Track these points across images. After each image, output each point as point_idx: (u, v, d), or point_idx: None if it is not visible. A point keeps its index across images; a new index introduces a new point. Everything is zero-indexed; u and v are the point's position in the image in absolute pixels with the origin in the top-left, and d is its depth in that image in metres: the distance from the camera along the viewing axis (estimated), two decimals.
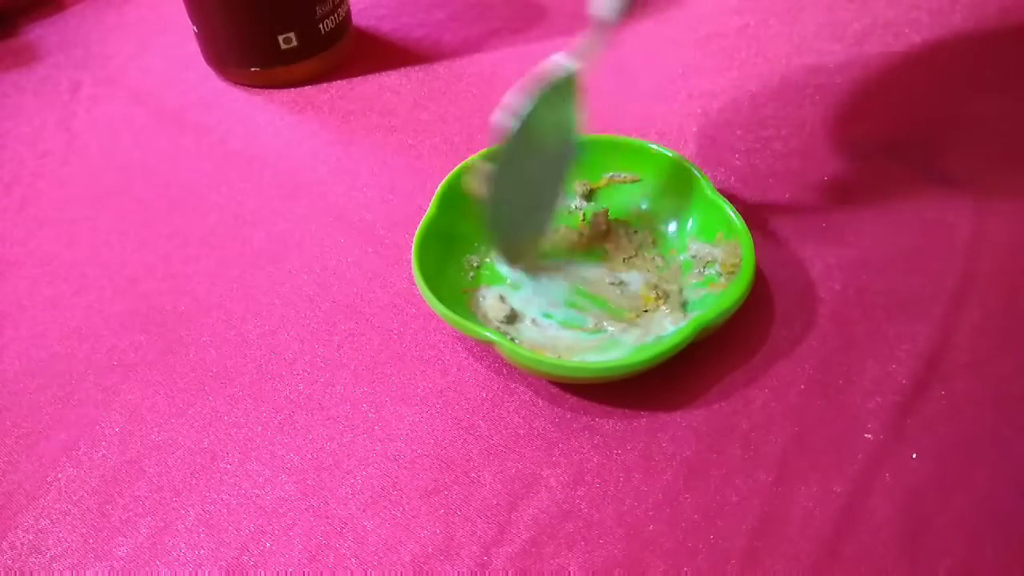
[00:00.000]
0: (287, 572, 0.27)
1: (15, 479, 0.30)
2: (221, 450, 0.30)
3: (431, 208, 0.34)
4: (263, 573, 0.27)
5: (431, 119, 0.44)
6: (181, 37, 0.50)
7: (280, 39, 0.44)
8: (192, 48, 0.48)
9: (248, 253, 0.37)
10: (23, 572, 0.27)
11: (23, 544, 0.28)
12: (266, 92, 0.47)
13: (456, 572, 0.26)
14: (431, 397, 0.31)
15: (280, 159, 0.42)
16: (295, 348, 0.33)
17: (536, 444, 0.29)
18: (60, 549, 0.28)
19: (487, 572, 0.26)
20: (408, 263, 0.32)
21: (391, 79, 0.47)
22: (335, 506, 0.28)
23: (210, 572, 0.27)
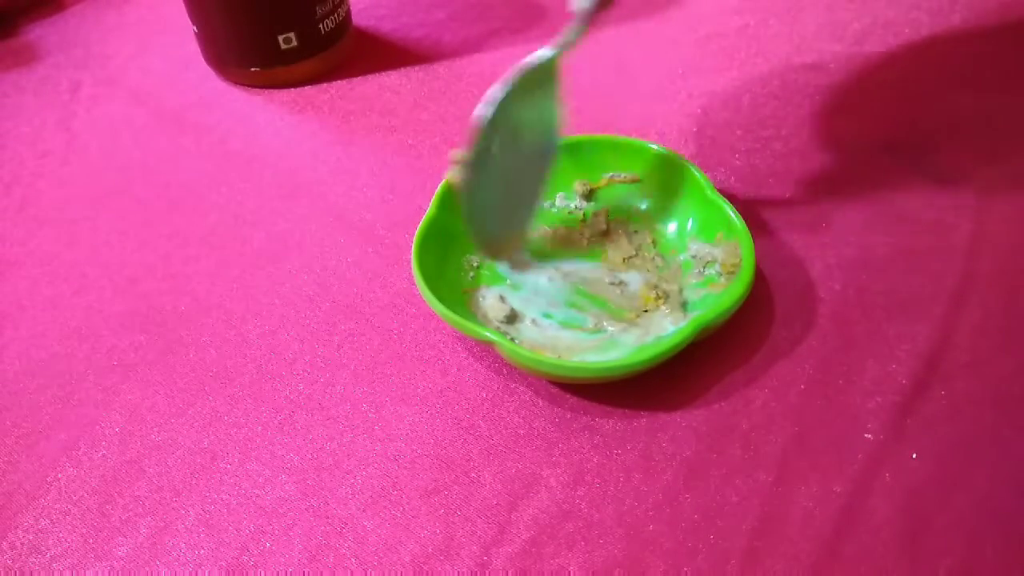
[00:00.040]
0: (287, 572, 0.27)
1: (15, 479, 0.30)
2: (221, 450, 0.30)
3: (431, 208, 0.34)
4: (263, 573, 0.27)
5: (431, 119, 0.44)
6: (181, 37, 0.50)
7: (280, 39, 0.44)
8: (192, 48, 0.48)
9: (248, 253, 0.37)
10: (23, 572, 0.27)
11: (23, 544, 0.28)
12: (266, 92, 0.47)
13: (456, 572, 0.26)
14: (431, 397, 0.31)
15: (280, 159, 0.42)
16: (295, 348, 0.33)
17: (536, 444, 0.29)
18: (60, 549, 0.28)
19: (487, 572, 0.26)
20: (408, 263, 0.32)
21: (391, 79, 0.47)
22: (335, 506, 0.28)
23: (210, 572, 0.27)
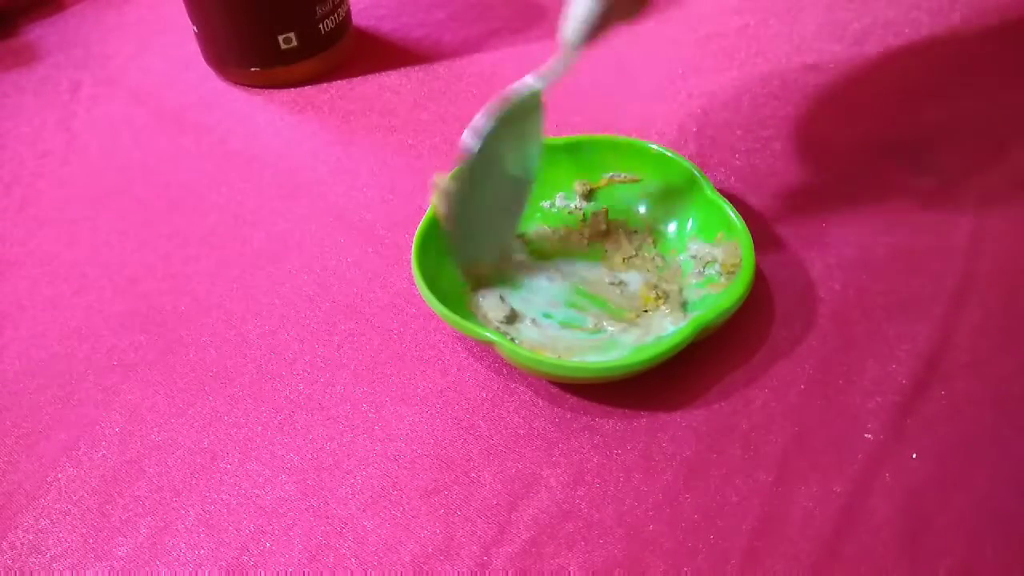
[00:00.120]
0: (287, 572, 0.27)
1: (15, 479, 0.30)
2: (221, 450, 0.30)
3: (431, 208, 0.33)
4: (263, 573, 0.27)
5: (431, 119, 0.44)
6: (181, 37, 0.50)
7: (280, 39, 0.44)
8: (192, 48, 0.48)
9: (248, 253, 0.37)
10: (23, 572, 0.27)
11: (23, 544, 0.28)
12: (266, 92, 0.47)
13: (456, 572, 0.26)
14: (431, 397, 0.31)
15: (280, 159, 0.42)
16: (295, 348, 0.33)
17: (536, 444, 0.29)
18: (60, 549, 0.28)
19: (487, 572, 0.26)
20: (408, 263, 0.32)
21: (391, 79, 0.47)
22: (335, 506, 0.28)
23: (210, 572, 0.27)
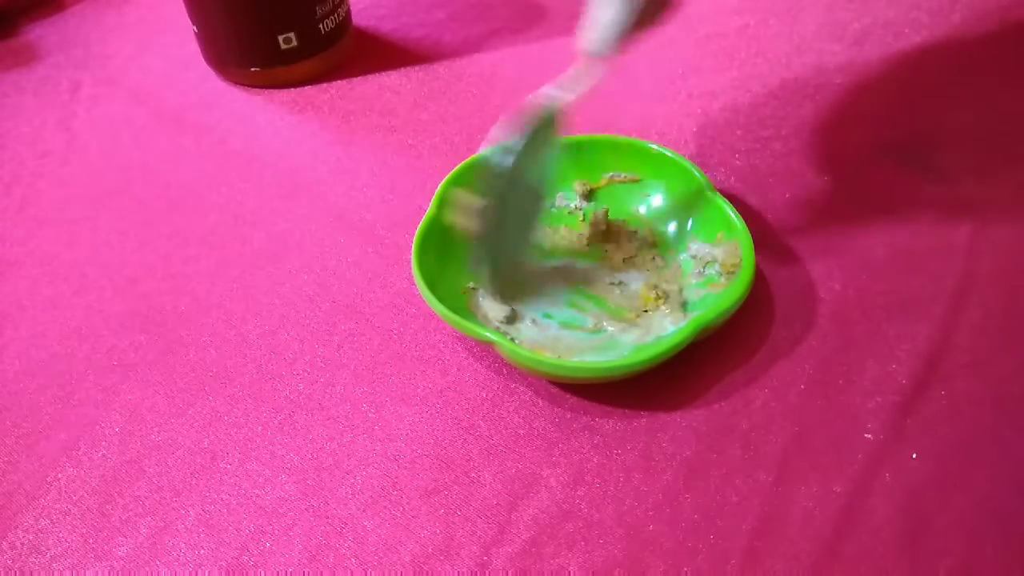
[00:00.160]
0: (287, 572, 0.27)
1: (15, 479, 0.30)
2: (221, 450, 0.30)
3: (431, 208, 0.34)
4: (263, 573, 0.27)
5: (431, 119, 0.44)
6: (181, 37, 0.50)
7: (280, 39, 0.44)
8: (192, 48, 0.48)
9: (248, 253, 0.37)
10: (23, 572, 0.27)
11: (23, 544, 0.28)
12: (266, 92, 0.47)
13: (456, 572, 0.26)
14: (431, 397, 0.31)
15: (280, 159, 0.42)
16: (295, 348, 0.33)
17: (536, 444, 0.29)
18: (60, 549, 0.28)
19: (487, 572, 0.26)
20: (408, 263, 0.32)
21: (391, 79, 0.47)
22: (335, 506, 0.28)
23: (210, 572, 0.27)
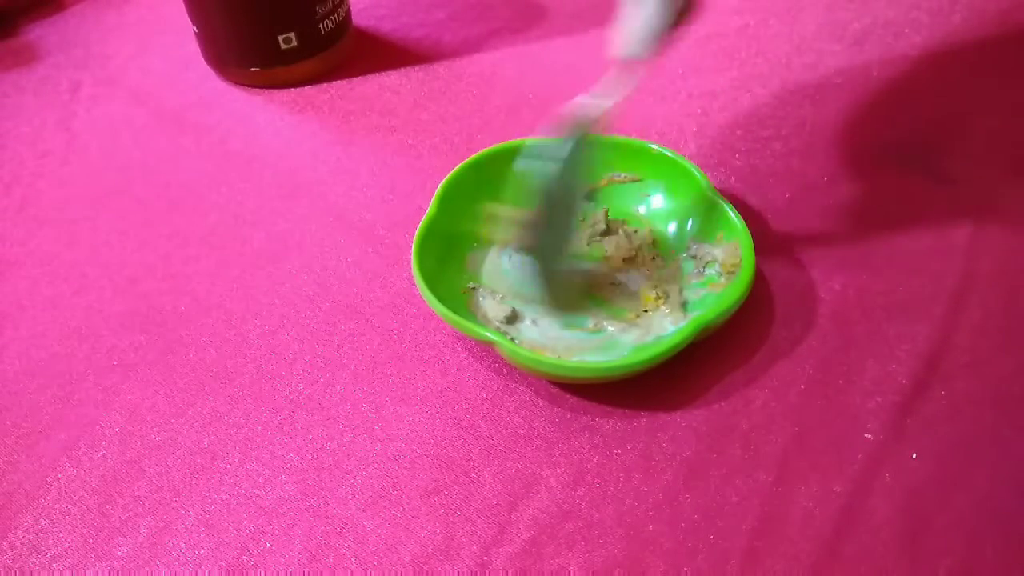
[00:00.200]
0: (287, 572, 0.27)
1: (15, 479, 0.30)
2: (221, 450, 0.30)
3: (431, 208, 0.34)
4: (263, 573, 0.27)
5: (431, 119, 0.44)
6: (181, 37, 0.50)
7: (280, 39, 0.44)
8: (192, 48, 0.48)
9: (248, 253, 0.37)
10: (23, 572, 0.27)
11: (23, 544, 0.28)
12: (266, 92, 0.47)
13: (456, 572, 0.26)
14: (431, 397, 0.31)
15: (280, 159, 0.42)
16: (295, 348, 0.33)
17: (536, 444, 0.29)
18: (60, 549, 0.28)
19: (487, 572, 0.26)
20: (408, 263, 0.32)
21: (391, 79, 0.47)
22: (335, 506, 0.28)
23: (210, 572, 0.27)
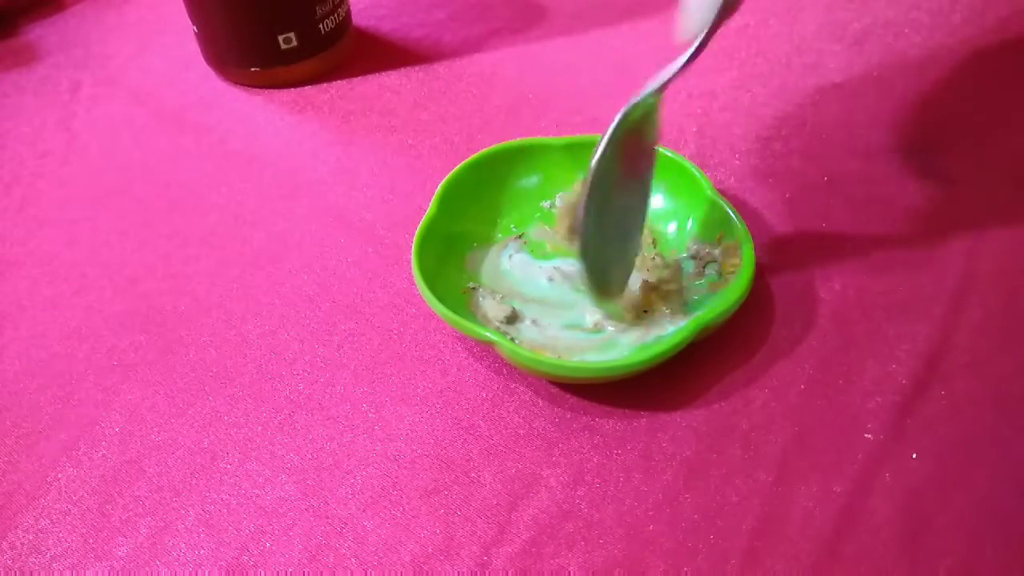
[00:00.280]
0: (287, 572, 0.27)
1: (15, 479, 0.30)
2: (221, 450, 0.30)
3: (431, 208, 0.34)
4: (263, 573, 0.27)
5: (431, 119, 0.44)
6: (181, 37, 0.50)
7: (280, 39, 0.44)
8: (192, 48, 0.48)
9: (248, 253, 0.37)
10: (23, 572, 0.27)
11: (23, 544, 0.28)
12: (266, 92, 0.47)
13: (456, 572, 0.26)
14: (431, 397, 0.31)
15: (280, 159, 0.42)
16: (295, 348, 0.33)
17: (536, 444, 0.29)
18: (60, 549, 0.28)
19: (487, 572, 0.26)
20: (408, 263, 0.32)
21: (391, 79, 0.47)
22: (335, 506, 0.28)
23: (210, 572, 0.27)
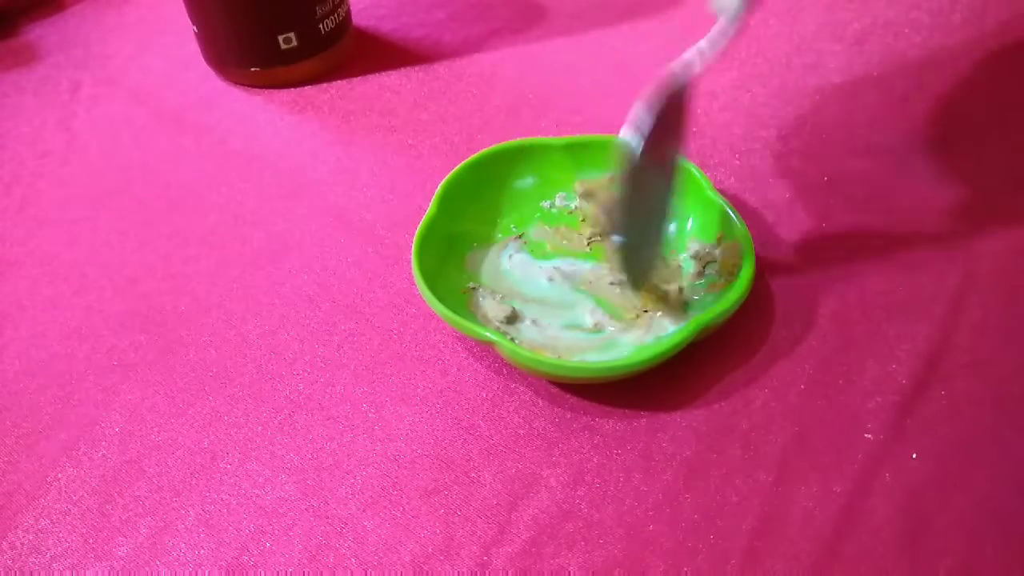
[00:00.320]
0: (287, 572, 0.27)
1: (15, 479, 0.30)
2: (221, 450, 0.30)
3: (431, 208, 0.34)
4: (263, 573, 0.27)
5: (431, 119, 0.44)
6: (181, 37, 0.50)
7: (280, 39, 0.44)
8: (192, 48, 0.48)
9: (248, 253, 0.37)
10: (23, 572, 0.27)
11: (23, 544, 0.28)
12: (266, 92, 0.47)
13: (456, 572, 0.26)
14: (431, 397, 0.31)
15: (280, 159, 0.42)
16: (295, 348, 0.33)
17: (536, 444, 0.29)
18: (60, 549, 0.28)
19: (487, 572, 0.26)
20: (408, 263, 0.32)
21: (391, 79, 0.47)
22: (335, 506, 0.28)
23: (210, 572, 0.27)
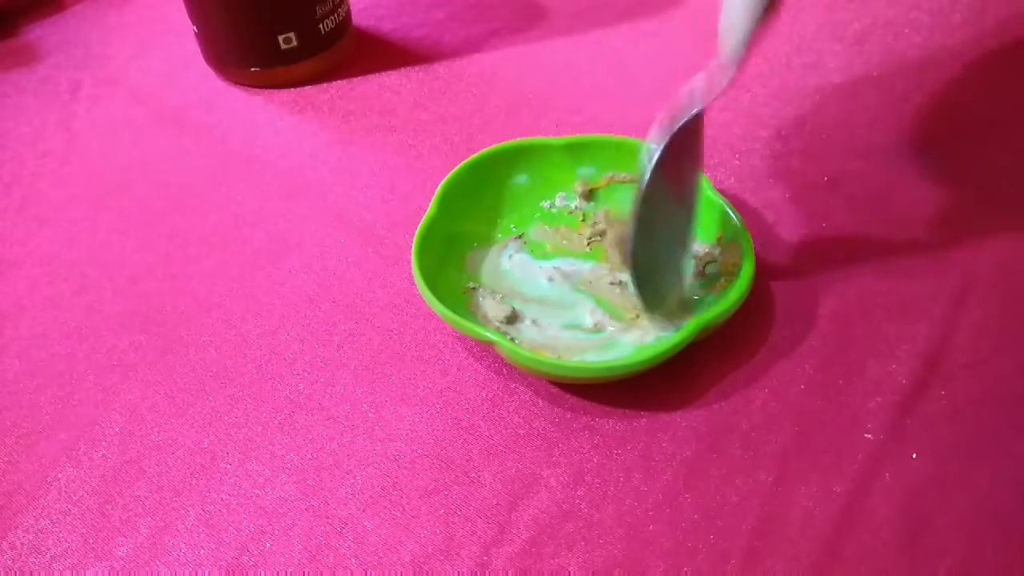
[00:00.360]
0: (287, 572, 0.27)
1: (15, 479, 0.30)
2: (221, 450, 0.30)
3: (431, 208, 0.34)
4: (263, 573, 0.27)
5: (431, 119, 0.44)
6: (181, 37, 0.50)
7: (280, 39, 0.44)
8: (192, 48, 0.48)
9: (248, 253, 0.37)
10: (23, 572, 0.27)
11: (23, 544, 0.28)
12: (266, 92, 0.47)
13: (456, 572, 0.26)
14: (431, 397, 0.31)
15: (280, 159, 0.42)
16: (295, 348, 0.33)
17: (536, 444, 0.29)
18: (60, 549, 0.28)
19: (487, 572, 0.26)
20: (408, 263, 0.32)
21: (391, 79, 0.47)
22: (335, 506, 0.28)
23: (210, 572, 0.27)
